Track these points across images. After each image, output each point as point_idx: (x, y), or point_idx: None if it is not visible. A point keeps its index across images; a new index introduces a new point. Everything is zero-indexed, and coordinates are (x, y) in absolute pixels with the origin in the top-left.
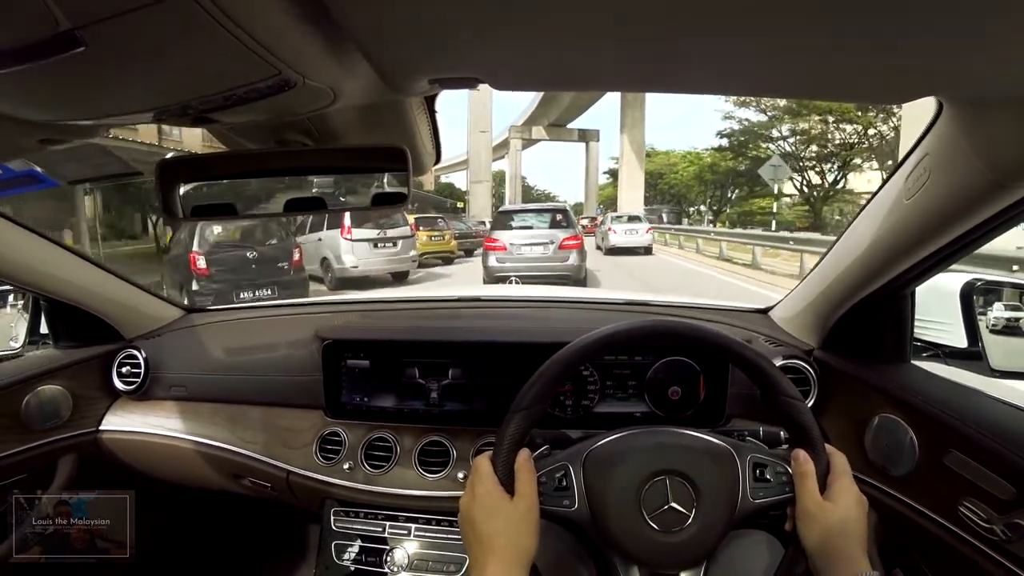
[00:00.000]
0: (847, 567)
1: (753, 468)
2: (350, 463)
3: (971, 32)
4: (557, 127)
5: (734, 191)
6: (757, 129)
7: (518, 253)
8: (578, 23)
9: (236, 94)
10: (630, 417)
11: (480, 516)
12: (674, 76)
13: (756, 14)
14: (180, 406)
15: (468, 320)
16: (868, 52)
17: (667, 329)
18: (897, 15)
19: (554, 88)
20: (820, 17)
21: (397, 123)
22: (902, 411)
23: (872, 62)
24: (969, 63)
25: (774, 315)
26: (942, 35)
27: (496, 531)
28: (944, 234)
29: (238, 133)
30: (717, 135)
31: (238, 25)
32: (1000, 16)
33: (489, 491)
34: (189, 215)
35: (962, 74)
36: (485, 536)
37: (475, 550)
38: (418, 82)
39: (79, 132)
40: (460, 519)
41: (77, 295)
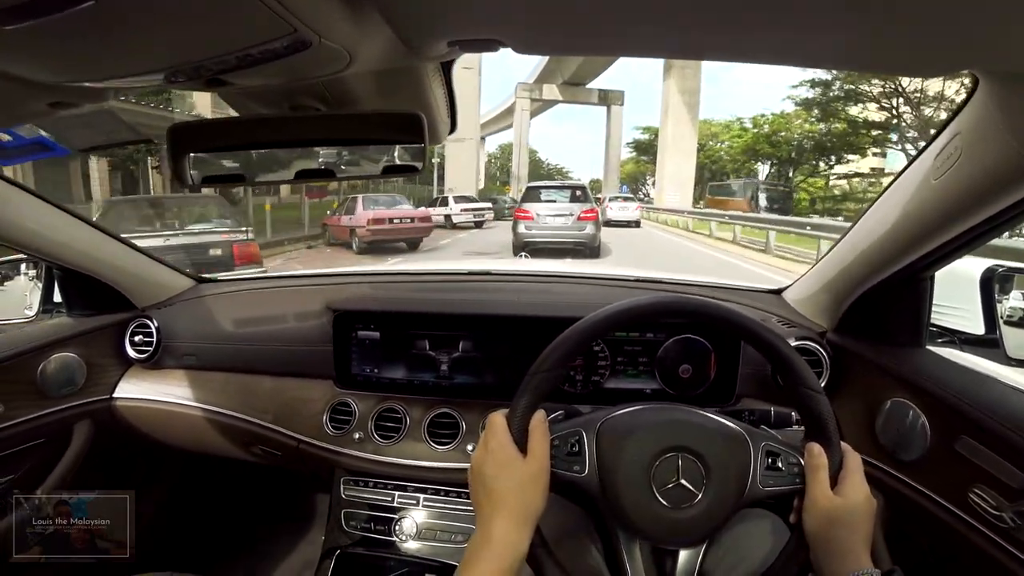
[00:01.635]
0: (850, 561)
1: (766, 456)
2: (360, 433)
3: (1012, 2)
4: (573, 86)
5: (797, 166)
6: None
7: (543, 223)
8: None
9: (251, 54)
10: (640, 393)
11: (491, 471)
12: (706, 43)
13: None
14: (192, 375)
15: (479, 293)
16: (903, 22)
17: (691, 307)
18: None
19: (580, 52)
20: None
21: (412, 90)
22: (915, 396)
23: (908, 33)
24: (1008, 35)
25: (787, 296)
26: (981, 5)
27: (506, 487)
28: (972, 215)
29: (250, 98)
30: (799, 84)
31: None
32: None
33: (503, 446)
34: (199, 183)
35: (1000, 47)
36: (495, 492)
37: (484, 504)
38: (436, 44)
39: (89, 95)
40: (471, 473)
41: (90, 264)
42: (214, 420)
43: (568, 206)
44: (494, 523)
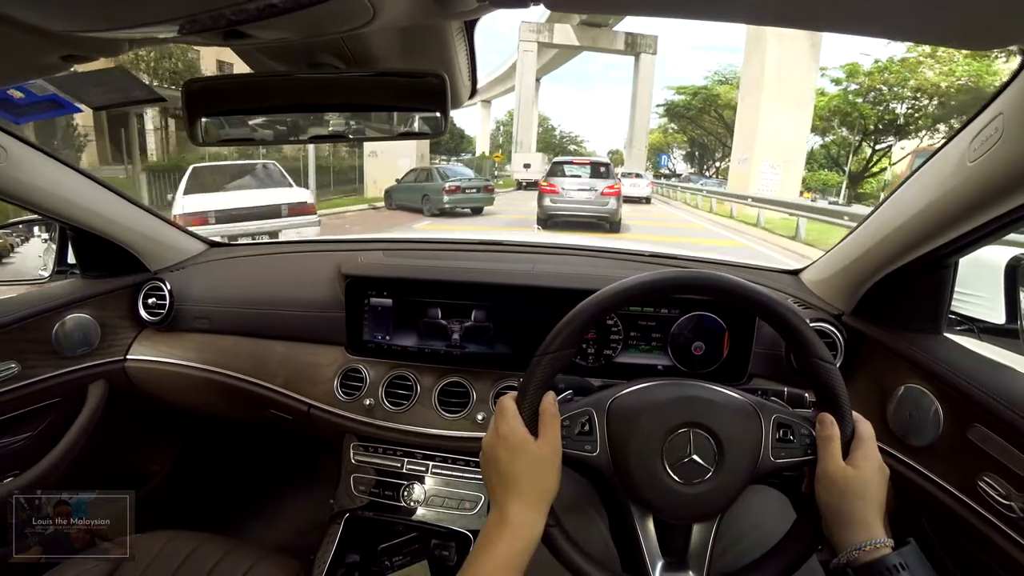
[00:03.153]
0: (863, 531)
1: (777, 427)
2: (371, 400)
3: None
4: (593, 27)
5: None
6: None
7: (568, 196)
8: None
9: (272, 3)
10: (652, 369)
11: (504, 456)
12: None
13: None
14: (204, 338)
15: (493, 263)
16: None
17: (702, 280)
18: None
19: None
20: None
21: (435, 50)
22: (930, 382)
23: (958, 3)
24: None
25: (804, 277)
26: None
27: (519, 471)
28: (1008, 200)
29: (267, 54)
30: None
31: None
32: None
33: (514, 430)
34: (213, 141)
35: None
36: (508, 476)
37: (497, 488)
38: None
39: (103, 47)
40: (482, 458)
41: (104, 226)
42: (225, 384)
43: (592, 181)
44: (509, 506)
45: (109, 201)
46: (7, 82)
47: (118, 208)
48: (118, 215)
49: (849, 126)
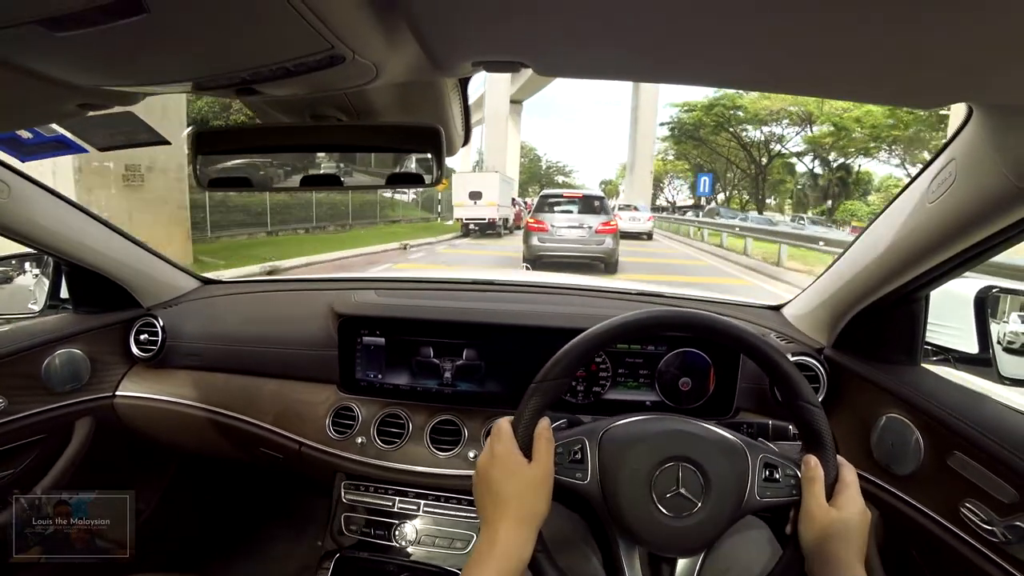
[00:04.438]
0: (845, 572)
1: (763, 467)
2: (363, 438)
3: (1005, 39)
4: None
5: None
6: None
7: (559, 235)
8: (625, 14)
9: (285, 67)
10: (640, 405)
11: (497, 476)
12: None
13: (791, 8)
14: (195, 375)
15: (484, 302)
16: (900, 55)
17: (695, 320)
18: (931, 19)
19: (599, 77)
20: (854, 17)
21: (431, 102)
22: (910, 412)
23: (904, 65)
24: (1001, 70)
25: (786, 312)
26: (975, 41)
27: (512, 492)
28: (965, 238)
29: (273, 105)
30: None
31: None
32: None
33: (509, 452)
34: (207, 186)
35: (994, 81)
36: (501, 496)
37: (489, 508)
38: (462, 63)
39: (120, 98)
40: (476, 477)
41: (99, 261)
42: (216, 421)
43: (583, 217)
44: (499, 526)
45: (105, 237)
46: (24, 126)
47: (114, 244)
48: (113, 251)
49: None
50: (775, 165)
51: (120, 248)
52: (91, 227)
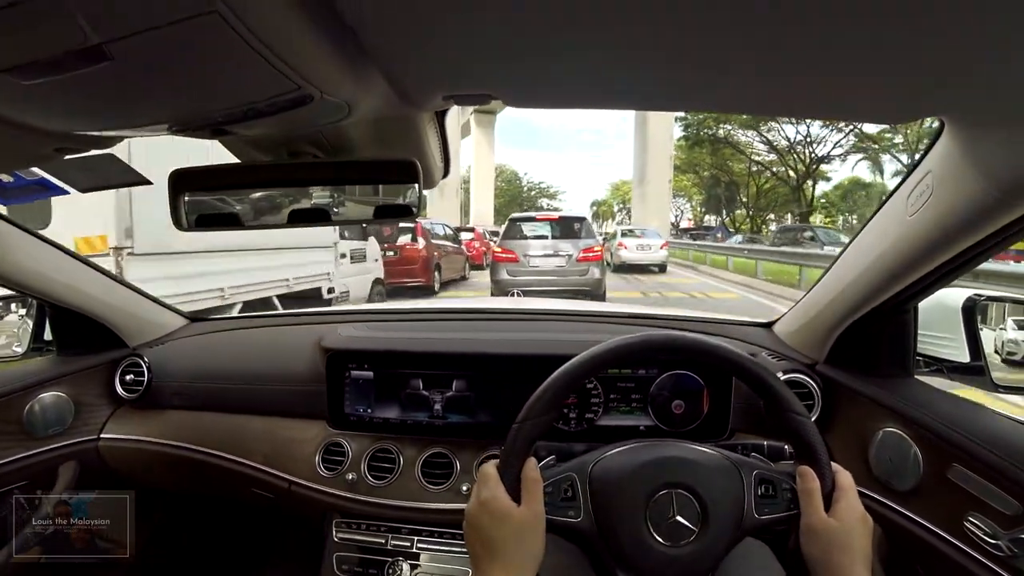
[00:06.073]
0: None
1: (758, 483)
2: (353, 474)
3: (973, 54)
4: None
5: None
6: None
7: (532, 265)
8: (590, 45)
9: (256, 107)
10: (634, 430)
11: (487, 523)
12: (685, 95)
13: (760, 29)
14: (182, 415)
15: (472, 332)
16: (871, 73)
17: (676, 343)
18: (901, 36)
19: (569, 107)
20: (825, 36)
21: (408, 136)
22: (906, 425)
23: (875, 82)
24: (971, 85)
25: (777, 329)
26: (945, 57)
27: (503, 539)
28: (946, 250)
29: (250, 144)
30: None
31: (262, 42)
32: (1001, 39)
33: (496, 498)
34: (193, 225)
35: (964, 95)
36: (491, 543)
37: (481, 557)
38: (432, 98)
39: (96, 142)
40: (465, 526)
41: (82, 302)
42: (204, 461)
43: (562, 244)
44: (492, 574)
45: (88, 277)
46: (2, 171)
47: (96, 283)
48: (96, 290)
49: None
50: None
51: (104, 287)
52: (73, 267)
